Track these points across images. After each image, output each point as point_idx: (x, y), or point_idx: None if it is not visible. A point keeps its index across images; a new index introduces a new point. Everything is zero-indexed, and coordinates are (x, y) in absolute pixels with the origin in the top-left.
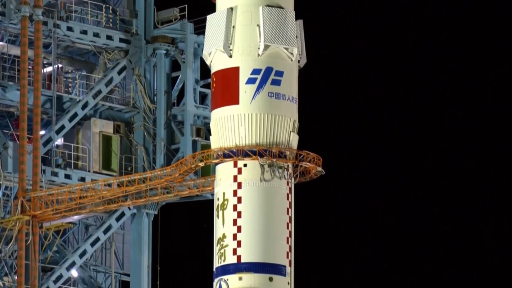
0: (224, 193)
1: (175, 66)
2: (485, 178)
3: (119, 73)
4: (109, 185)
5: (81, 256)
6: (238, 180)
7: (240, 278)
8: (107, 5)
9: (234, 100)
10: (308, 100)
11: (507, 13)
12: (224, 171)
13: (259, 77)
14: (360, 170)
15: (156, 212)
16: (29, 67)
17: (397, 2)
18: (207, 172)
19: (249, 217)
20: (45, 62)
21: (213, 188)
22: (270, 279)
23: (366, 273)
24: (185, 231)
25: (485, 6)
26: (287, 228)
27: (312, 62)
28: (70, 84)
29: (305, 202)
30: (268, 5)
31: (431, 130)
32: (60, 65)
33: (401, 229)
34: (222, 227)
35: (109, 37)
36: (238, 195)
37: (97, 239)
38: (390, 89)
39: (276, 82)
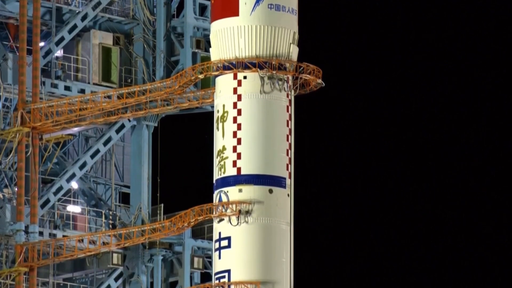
0: (224, 105)
1: None
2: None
3: None
4: (109, 97)
5: (81, 168)
6: (238, 92)
7: (240, 190)
8: None
9: (234, 12)
10: (309, 12)
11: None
12: (224, 83)
13: None
14: (360, 82)
15: (156, 124)
16: None
17: None
18: (207, 84)
19: (249, 129)
20: None
21: (213, 100)
22: (270, 191)
23: (364, 184)
24: (185, 143)
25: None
26: (287, 140)
27: None
28: None
29: (305, 114)
30: None
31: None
32: None
33: (399, 143)
34: (222, 139)
35: None
36: (238, 107)
37: (97, 151)
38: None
39: None
